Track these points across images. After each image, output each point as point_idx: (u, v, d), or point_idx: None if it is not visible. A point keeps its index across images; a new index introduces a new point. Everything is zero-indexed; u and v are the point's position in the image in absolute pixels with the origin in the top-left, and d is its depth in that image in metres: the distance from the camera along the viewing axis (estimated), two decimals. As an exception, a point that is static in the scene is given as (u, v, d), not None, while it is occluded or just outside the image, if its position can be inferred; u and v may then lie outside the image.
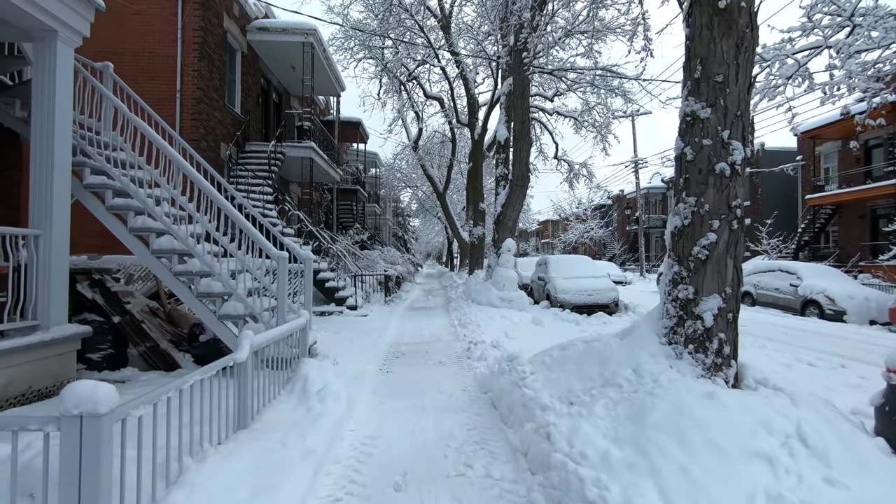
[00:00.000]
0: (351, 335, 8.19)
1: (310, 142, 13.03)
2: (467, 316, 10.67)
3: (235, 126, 12.38)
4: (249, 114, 13.25)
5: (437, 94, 20.79)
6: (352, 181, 23.23)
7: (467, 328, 9.34)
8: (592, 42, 16.09)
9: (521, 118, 11.87)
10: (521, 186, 12.17)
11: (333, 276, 10.93)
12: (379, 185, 32.12)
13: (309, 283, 5.77)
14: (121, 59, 10.45)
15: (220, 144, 11.53)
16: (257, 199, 10.96)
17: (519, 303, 11.96)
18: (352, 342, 7.61)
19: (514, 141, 12.07)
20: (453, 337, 8.83)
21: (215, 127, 11.28)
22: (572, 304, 12.14)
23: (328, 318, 10.22)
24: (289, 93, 16.81)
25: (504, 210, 12.56)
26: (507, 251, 12.38)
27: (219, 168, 11.45)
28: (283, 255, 5.00)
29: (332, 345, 7.06)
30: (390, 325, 9.74)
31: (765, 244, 21.26)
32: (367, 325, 9.54)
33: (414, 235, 50.18)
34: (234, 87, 12.64)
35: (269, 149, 11.86)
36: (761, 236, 21.59)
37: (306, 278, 5.80)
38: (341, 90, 17.56)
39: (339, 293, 10.87)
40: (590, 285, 12.54)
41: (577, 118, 21.69)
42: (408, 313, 12.03)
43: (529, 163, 12.70)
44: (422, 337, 8.79)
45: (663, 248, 40.43)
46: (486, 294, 12.15)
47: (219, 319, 4.73)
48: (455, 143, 22.37)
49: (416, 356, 7.12)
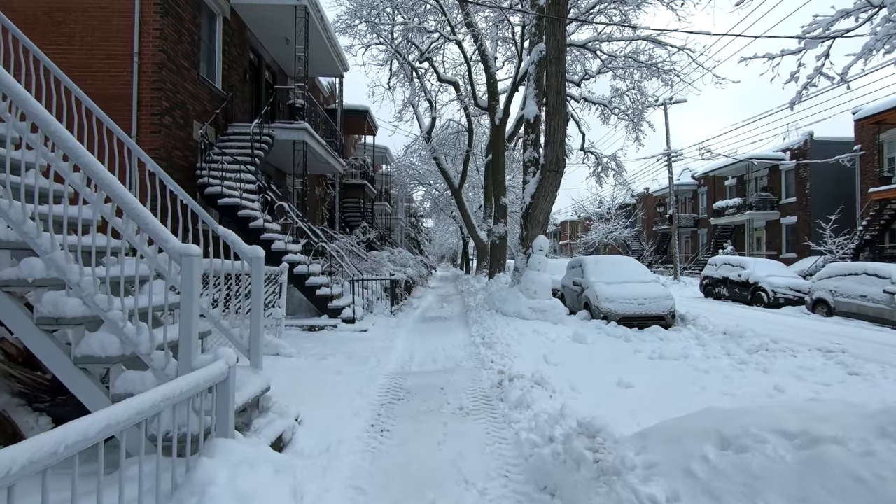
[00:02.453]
0: (340, 362, 6.11)
1: (303, 122, 11.03)
2: (492, 331, 8.53)
3: (214, 103, 10.43)
4: (234, 91, 11.31)
5: (451, 77, 18.71)
6: (359, 176, 21.25)
7: (494, 349, 7.21)
8: (630, 8, 13.92)
9: (557, 88, 9.70)
10: (554, 172, 10.00)
11: (327, 281, 8.88)
12: (390, 184, 30.15)
13: (257, 294, 3.69)
14: (68, 16, 8.58)
15: (193, 122, 9.58)
16: (233, 188, 8.97)
17: (554, 314, 9.78)
18: (338, 374, 5.51)
19: (548, 116, 9.91)
20: (477, 362, 6.70)
21: (185, 101, 9.33)
22: (619, 314, 9.91)
23: (318, 334, 8.16)
24: (285, 73, 14.86)
25: (534, 201, 10.40)
26: (538, 251, 10.20)
27: (190, 150, 9.51)
28: (183, 249, 2.83)
29: (304, 383, 4.96)
30: (395, 345, 7.64)
31: (829, 243, 18.61)
32: (365, 344, 7.46)
33: (428, 237, 48.16)
34: (214, 58, 10.70)
35: (252, 129, 9.87)
36: (824, 234, 18.94)
37: (254, 287, 3.71)
38: (344, 70, 15.57)
39: (334, 302, 8.81)
40: (639, 292, 10.29)
41: (606, 105, 19.50)
42: (418, 326, 9.92)
43: (565, 143, 10.53)
44: (435, 362, 6.66)
45: (693, 249, 37.81)
46: (514, 303, 10.00)
47: (75, 364, 2.66)
48: (472, 133, 20.24)
49: (428, 396, 5.00)
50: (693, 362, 7.32)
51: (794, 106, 9.58)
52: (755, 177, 30.04)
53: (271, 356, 6.08)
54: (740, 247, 30.04)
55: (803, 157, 25.49)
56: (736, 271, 16.80)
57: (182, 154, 9.21)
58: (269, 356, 6.06)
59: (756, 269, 15.99)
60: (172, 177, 8.44)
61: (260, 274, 3.74)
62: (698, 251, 36.41)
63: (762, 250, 28.82)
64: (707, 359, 7.56)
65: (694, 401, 4.98)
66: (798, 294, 14.70)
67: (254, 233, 8.82)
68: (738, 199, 29.95)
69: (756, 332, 8.84)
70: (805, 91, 9.56)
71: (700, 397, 5.31)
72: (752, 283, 15.80)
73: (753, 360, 7.26)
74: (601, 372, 6.36)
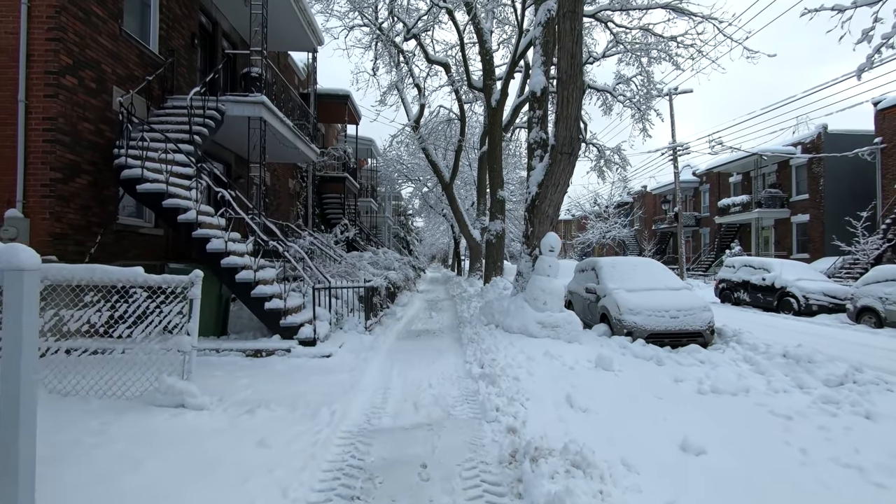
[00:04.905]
0: (274, 418, 4.13)
1: (260, 94, 9.02)
2: (493, 355, 6.62)
3: (146, 68, 8.39)
4: (176, 57, 9.27)
5: (442, 59, 16.77)
6: (340, 168, 19.24)
7: (498, 384, 5.29)
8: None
9: (571, 50, 7.81)
10: (568, 154, 8.10)
11: (279, 290, 6.88)
12: (377, 180, 28.12)
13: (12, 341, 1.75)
14: (-66, -57, 6.50)
15: (112, 89, 7.53)
16: (157, 170, 6.94)
17: (567, 330, 7.88)
18: (263, 447, 3.52)
19: (560, 86, 8.01)
20: (476, 408, 4.78)
21: (100, 60, 7.28)
22: (647, 330, 8.05)
23: (263, 362, 6.17)
24: (248, 45, 12.80)
25: (542, 191, 8.50)
26: (548, 251, 8.29)
27: (108, 124, 7.47)
28: None
29: (192, 480, 2.97)
30: (364, 379, 5.66)
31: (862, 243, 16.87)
32: (323, 379, 5.47)
33: (418, 237, 46.16)
34: (148, 14, 8.66)
35: (189, 100, 7.83)
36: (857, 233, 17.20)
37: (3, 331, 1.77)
38: (318, 44, 13.55)
39: (288, 318, 6.80)
40: (670, 302, 8.44)
41: (611, 92, 17.79)
42: (400, 346, 7.96)
43: (581, 119, 8.66)
44: (417, 409, 4.71)
45: (695, 249, 36.17)
46: (519, 316, 8.08)
47: None
48: (464, 121, 18.31)
49: (401, 487, 3.07)
50: (760, 399, 5.52)
51: (862, 74, 7.73)
52: (762, 173, 28.45)
53: (172, 409, 4.10)
54: (747, 247, 28.43)
55: (816, 151, 23.91)
56: (758, 274, 15.06)
57: (94, 128, 7.16)
58: (169, 409, 4.08)
59: (783, 271, 14.24)
60: (82, 156, 6.31)
61: (21, 302, 1.77)
62: (700, 251, 34.81)
63: (770, 251, 27.22)
64: (776, 394, 5.74)
65: (804, 478, 3.34)
66: (834, 301, 12.98)
67: (185, 229, 6.82)
68: (744, 197, 28.33)
69: (824, 353, 7.02)
70: (878, 55, 7.66)
71: (811, 472, 3.51)
72: (778, 288, 14.06)
73: (843, 397, 5.44)
74: (650, 421, 4.53)
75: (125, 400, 4.20)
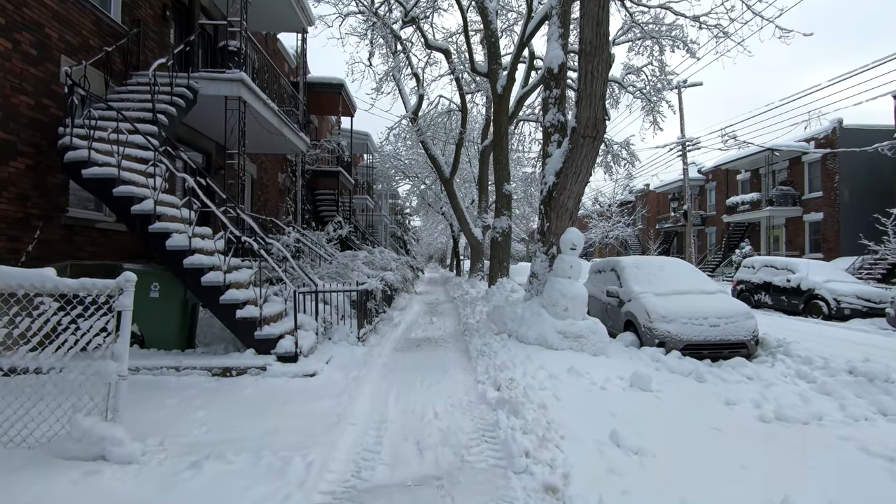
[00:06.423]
0: (231, 469, 3.02)
1: (239, 71, 7.89)
2: (510, 372, 5.55)
3: (104, 38, 7.25)
4: (143, 29, 8.13)
5: (442, 45, 15.66)
6: (334, 162, 18.10)
7: (521, 415, 4.20)
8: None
9: (597, 16, 6.72)
10: (592, 138, 7.01)
11: (253, 296, 5.76)
12: (373, 177, 26.97)
13: None
14: None
15: (59, 59, 6.39)
16: (109, 153, 5.80)
17: (592, 340, 6.80)
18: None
19: (583, 59, 6.92)
20: (497, 451, 3.68)
21: (42, 22, 6.15)
22: (683, 340, 6.97)
23: (230, 383, 5.05)
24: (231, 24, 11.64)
25: (560, 181, 7.41)
26: (569, 250, 7.20)
27: (54, 99, 6.33)
28: None
29: None
30: (353, 409, 4.54)
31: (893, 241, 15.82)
32: (301, 409, 4.37)
33: (415, 236, 45.01)
34: (108, -24, 7.53)
35: (151, 74, 6.68)
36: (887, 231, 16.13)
37: None
38: (308, 24, 12.42)
39: (265, 329, 5.67)
40: (707, 308, 7.36)
41: (620, 82, 16.83)
42: (397, 361, 6.84)
43: (606, 97, 7.58)
44: (422, 454, 3.61)
45: (701, 249, 35.10)
46: (536, 323, 6.99)
47: None
48: (465, 111, 17.20)
49: None
50: (840, 430, 4.50)
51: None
52: (773, 170, 27.46)
53: (88, 463, 2.99)
54: (756, 246, 27.44)
55: (831, 146, 22.93)
56: (781, 275, 14.02)
57: (34, 102, 6.02)
58: (84, 463, 2.96)
59: (810, 272, 13.21)
60: (17, 135, 5.14)
61: None
62: (706, 251, 33.82)
63: (780, 250, 26.23)
64: (856, 422, 4.70)
65: None
66: (868, 304, 11.96)
67: (141, 222, 5.69)
68: (754, 195, 27.33)
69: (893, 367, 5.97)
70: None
71: None
72: (805, 290, 13.03)
73: (941, 426, 4.41)
74: (723, 470, 3.55)
75: (24, 450, 3.08)
